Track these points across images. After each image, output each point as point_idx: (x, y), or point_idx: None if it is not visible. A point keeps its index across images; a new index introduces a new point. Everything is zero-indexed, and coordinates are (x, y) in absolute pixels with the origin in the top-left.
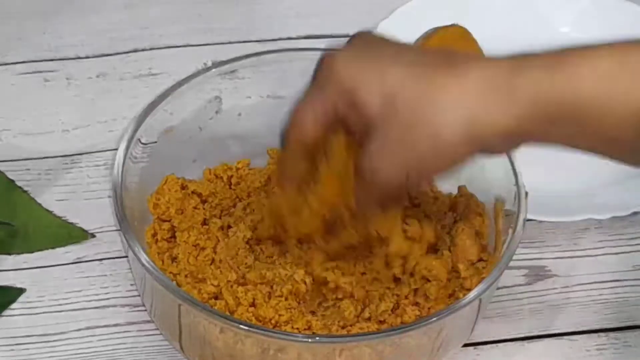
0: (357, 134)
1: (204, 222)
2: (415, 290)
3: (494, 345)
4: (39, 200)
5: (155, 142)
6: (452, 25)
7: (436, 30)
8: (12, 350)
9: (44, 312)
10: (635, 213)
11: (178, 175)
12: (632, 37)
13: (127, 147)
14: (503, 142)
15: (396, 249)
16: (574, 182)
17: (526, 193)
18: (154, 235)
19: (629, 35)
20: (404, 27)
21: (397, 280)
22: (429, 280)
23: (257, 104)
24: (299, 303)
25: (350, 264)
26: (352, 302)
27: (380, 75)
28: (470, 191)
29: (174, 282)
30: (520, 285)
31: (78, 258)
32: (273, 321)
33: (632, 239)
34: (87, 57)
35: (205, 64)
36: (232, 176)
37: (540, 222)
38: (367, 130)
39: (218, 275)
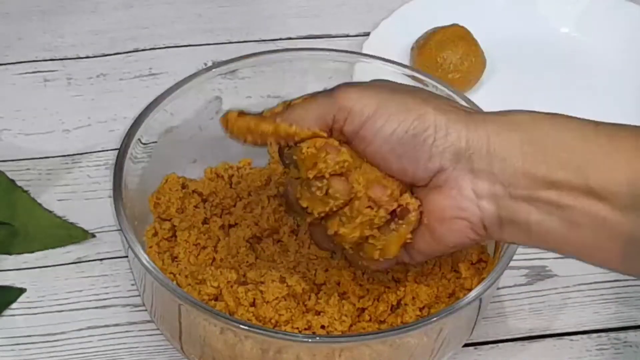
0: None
1: (205, 221)
2: None
3: (494, 345)
4: (39, 200)
5: (156, 142)
6: (453, 25)
7: (436, 30)
8: (13, 350)
9: (44, 312)
10: None
11: (178, 175)
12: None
13: (128, 147)
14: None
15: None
16: None
17: None
18: (155, 234)
19: (630, 35)
20: (405, 27)
21: (396, 280)
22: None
23: (257, 104)
24: (297, 303)
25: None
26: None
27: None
28: None
29: (174, 282)
30: (520, 285)
31: (78, 258)
32: (273, 321)
33: None
34: (87, 57)
35: (205, 64)
36: (233, 175)
37: None
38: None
39: (218, 277)
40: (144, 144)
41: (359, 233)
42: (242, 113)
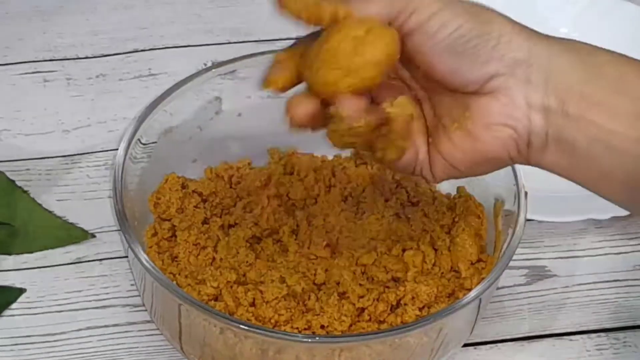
0: None
1: (205, 221)
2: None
3: (493, 345)
4: (39, 201)
5: (155, 142)
6: None
7: None
8: (12, 350)
9: (44, 312)
10: None
11: (178, 175)
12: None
13: (127, 147)
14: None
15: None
16: None
17: (526, 193)
18: (154, 234)
19: (629, 36)
20: None
21: (396, 280)
22: None
23: (257, 104)
24: (297, 303)
25: (350, 262)
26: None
27: None
28: (470, 191)
29: (174, 282)
30: (520, 285)
31: (78, 258)
32: (273, 321)
33: (632, 239)
34: (87, 58)
35: (205, 64)
36: (232, 175)
37: (540, 222)
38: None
39: (218, 277)
40: (144, 144)
41: (343, 141)
42: None
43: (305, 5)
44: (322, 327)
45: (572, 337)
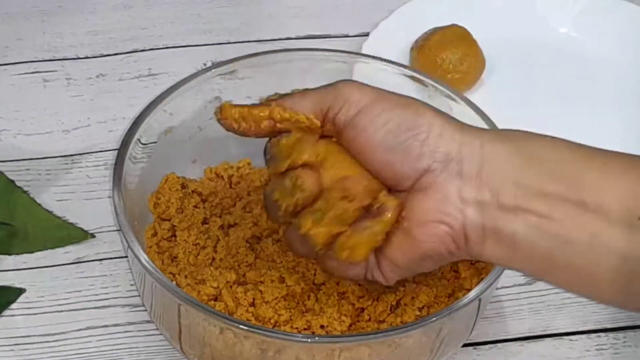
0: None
1: (204, 221)
2: None
3: (493, 345)
4: (38, 201)
5: (155, 142)
6: (452, 26)
7: (436, 30)
8: (12, 350)
9: (43, 312)
10: None
11: (178, 175)
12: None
13: (127, 148)
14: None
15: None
16: None
17: None
18: (154, 234)
19: (628, 35)
20: (404, 27)
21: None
22: None
23: None
24: (297, 303)
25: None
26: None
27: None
28: None
29: (174, 282)
30: (519, 285)
31: (78, 258)
32: (272, 321)
33: None
34: (86, 58)
35: (204, 64)
36: (232, 175)
37: None
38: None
39: (218, 277)
40: (144, 144)
41: (329, 230)
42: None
43: (242, 115)
44: (322, 327)
45: (572, 337)
